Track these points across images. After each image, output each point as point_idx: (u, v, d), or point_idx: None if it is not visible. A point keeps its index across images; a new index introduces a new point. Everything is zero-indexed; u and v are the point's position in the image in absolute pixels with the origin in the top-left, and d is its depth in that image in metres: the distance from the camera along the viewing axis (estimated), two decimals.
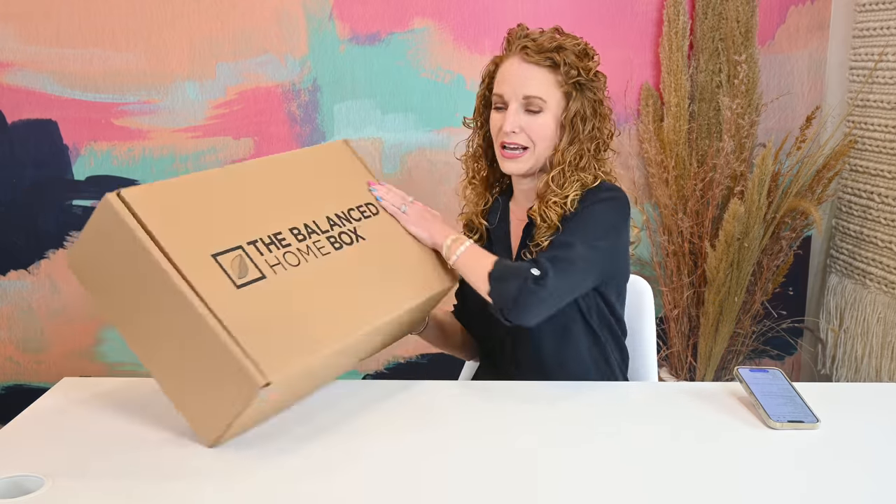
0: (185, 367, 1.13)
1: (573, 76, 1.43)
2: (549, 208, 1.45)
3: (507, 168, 1.49)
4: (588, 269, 1.40)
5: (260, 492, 1.06)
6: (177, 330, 1.11)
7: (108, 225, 1.12)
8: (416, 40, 2.41)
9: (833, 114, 2.49)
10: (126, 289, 1.15)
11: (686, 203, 2.40)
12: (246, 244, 1.17)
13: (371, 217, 1.40)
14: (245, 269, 1.15)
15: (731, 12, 2.34)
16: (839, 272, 2.52)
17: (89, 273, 1.20)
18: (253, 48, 2.41)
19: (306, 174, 1.37)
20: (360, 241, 1.33)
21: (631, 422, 1.28)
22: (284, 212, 1.26)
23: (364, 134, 2.47)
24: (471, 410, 1.32)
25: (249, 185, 1.27)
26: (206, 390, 1.12)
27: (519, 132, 1.45)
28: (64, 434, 1.21)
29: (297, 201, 1.30)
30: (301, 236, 1.25)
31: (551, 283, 1.33)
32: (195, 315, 1.08)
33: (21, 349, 2.57)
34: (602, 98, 1.49)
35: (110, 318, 1.20)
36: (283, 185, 1.32)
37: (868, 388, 1.57)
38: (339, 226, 1.32)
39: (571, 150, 1.45)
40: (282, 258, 1.20)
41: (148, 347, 1.16)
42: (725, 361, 2.49)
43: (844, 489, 1.08)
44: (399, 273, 1.37)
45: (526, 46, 1.44)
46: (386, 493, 1.06)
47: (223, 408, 1.11)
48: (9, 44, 2.39)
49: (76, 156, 2.45)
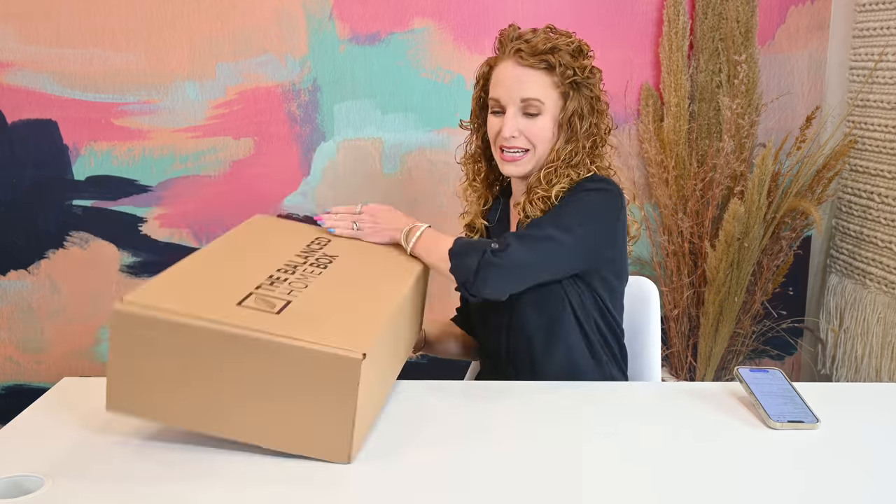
0: (279, 405, 1.11)
1: (569, 76, 1.43)
2: (533, 204, 1.45)
3: (507, 171, 1.49)
4: (558, 250, 1.39)
5: (260, 492, 1.06)
6: (254, 377, 1.10)
7: (133, 334, 1.09)
8: (416, 40, 2.41)
9: (833, 114, 2.49)
10: (182, 382, 1.11)
11: (686, 203, 2.40)
12: (255, 289, 1.20)
13: (328, 243, 1.45)
14: (270, 303, 1.17)
15: (731, 12, 2.34)
16: (839, 272, 2.52)
17: (138, 398, 1.13)
18: (253, 48, 2.41)
19: (255, 241, 1.43)
20: (336, 259, 1.38)
21: (631, 422, 1.28)
22: (262, 264, 1.30)
23: (364, 134, 2.47)
24: (470, 410, 1.32)
25: (218, 261, 1.31)
26: (313, 408, 1.10)
27: (518, 136, 1.45)
28: (64, 434, 1.21)
29: (265, 257, 1.34)
30: (290, 271, 1.29)
31: (513, 254, 1.35)
32: (267, 346, 1.08)
33: (21, 349, 2.57)
34: (598, 94, 1.48)
35: (178, 422, 1.14)
36: (244, 252, 1.37)
37: (868, 388, 1.57)
38: (310, 256, 1.37)
39: (567, 149, 1.45)
40: (291, 287, 1.23)
41: (230, 422, 1.12)
42: (725, 361, 2.49)
43: (844, 489, 1.08)
44: (387, 264, 1.44)
45: (520, 49, 1.43)
46: (386, 492, 1.06)
47: (338, 410, 1.10)
48: (9, 44, 2.39)
49: (76, 156, 2.45)
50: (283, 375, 1.09)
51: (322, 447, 1.13)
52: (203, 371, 1.10)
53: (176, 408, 1.12)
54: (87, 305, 2.53)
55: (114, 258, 2.51)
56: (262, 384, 1.10)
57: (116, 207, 2.49)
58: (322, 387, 1.09)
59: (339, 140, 2.47)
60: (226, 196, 2.48)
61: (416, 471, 1.12)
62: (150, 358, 1.10)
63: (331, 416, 1.11)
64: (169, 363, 1.10)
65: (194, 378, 1.10)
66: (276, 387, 1.10)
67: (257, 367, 1.09)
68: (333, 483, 1.08)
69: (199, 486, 1.07)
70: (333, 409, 1.10)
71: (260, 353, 1.08)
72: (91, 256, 2.51)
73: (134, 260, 2.51)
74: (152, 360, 1.10)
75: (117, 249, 2.51)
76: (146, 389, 1.12)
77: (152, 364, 1.10)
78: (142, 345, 1.10)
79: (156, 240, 2.50)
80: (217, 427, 1.13)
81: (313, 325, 1.13)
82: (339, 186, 2.49)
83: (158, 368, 1.10)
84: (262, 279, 1.24)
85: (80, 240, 2.50)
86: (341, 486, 1.07)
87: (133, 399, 1.13)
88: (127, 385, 1.12)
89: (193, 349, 1.09)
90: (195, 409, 1.12)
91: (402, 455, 1.16)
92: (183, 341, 1.09)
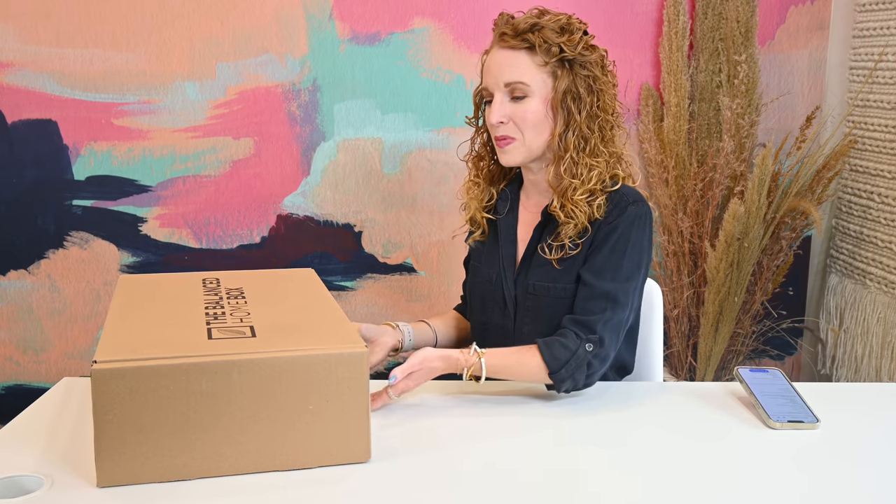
0: (291, 423, 1.08)
1: (555, 53, 1.37)
2: (574, 205, 1.39)
3: (503, 160, 1.44)
4: (631, 308, 1.41)
5: (259, 492, 1.06)
6: (260, 402, 1.06)
7: (117, 393, 1.02)
8: (416, 40, 2.41)
9: (833, 114, 2.49)
10: (184, 431, 1.05)
11: (686, 203, 2.40)
12: (207, 325, 1.16)
13: (219, 279, 1.42)
14: (236, 331, 1.14)
15: (731, 12, 2.34)
16: (839, 272, 2.52)
17: (134, 464, 1.05)
18: (253, 48, 2.41)
19: (149, 296, 1.34)
20: (244, 289, 1.36)
21: (631, 421, 1.28)
22: (185, 308, 1.24)
23: (364, 134, 2.47)
24: (469, 410, 1.32)
25: (137, 318, 1.21)
26: (327, 414, 1.09)
27: (507, 122, 1.40)
28: (64, 434, 1.21)
29: (178, 304, 1.27)
30: (218, 306, 1.25)
31: (609, 348, 1.37)
32: (272, 364, 1.06)
33: (21, 349, 2.57)
34: (598, 73, 1.41)
35: (187, 473, 1.07)
36: (152, 305, 1.28)
37: (868, 388, 1.57)
38: (219, 291, 1.34)
39: (571, 135, 1.39)
40: (237, 316, 1.20)
41: (245, 457, 1.08)
42: (725, 361, 2.48)
43: (844, 489, 1.08)
44: (285, 280, 1.45)
45: (504, 33, 1.39)
46: (387, 491, 1.06)
47: (353, 409, 1.10)
48: (9, 44, 2.39)
49: (76, 156, 2.45)
50: (292, 391, 1.08)
51: (342, 452, 1.12)
52: (204, 411, 1.05)
53: (180, 461, 1.06)
54: (87, 305, 2.53)
55: (114, 258, 2.51)
56: (271, 407, 1.07)
57: (116, 207, 2.49)
58: (333, 390, 1.09)
59: (339, 140, 2.46)
60: (226, 196, 2.48)
61: (416, 470, 1.12)
62: (142, 414, 1.03)
63: (345, 417, 1.10)
64: (165, 414, 1.03)
65: (195, 422, 1.05)
66: (285, 405, 1.08)
67: (263, 391, 1.07)
68: (334, 483, 1.08)
69: (200, 485, 1.06)
70: (348, 408, 1.10)
71: (264, 374, 1.06)
72: (91, 256, 2.51)
73: (134, 260, 2.51)
74: (144, 416, 1.03)
75: (117, 249, 2.51)
76: (142, 451, 1.04)
77: (145, 421, 1.03)
78: (129, 402, 1.02)
79: (156, 240, 2.50)
80: (231, 466, 1.08)
81: (298, 337, 1.12)
82: (339, 186, 2.49)
83: (154, 424, 1.03)
84: (203, 318, 1.19)
85: (80, 240, 2.50)
86: (341, 487, 1.07)
87: (128, 466, 1.04)
88: (118, 452, 1.03)
89: (191, 390, 1.04)
90: (202, 455, 1.06)
91: (402, 454, 1.16)
92: (177, 385, 1.03)
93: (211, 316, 1.21)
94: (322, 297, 1.33)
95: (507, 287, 1.50)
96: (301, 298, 1.33)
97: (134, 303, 1.28)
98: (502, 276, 1.50)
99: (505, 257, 1.51)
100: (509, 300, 1.49)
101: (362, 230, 2.52)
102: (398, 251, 2.53)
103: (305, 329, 1.16)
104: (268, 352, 1.07)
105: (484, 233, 1.56)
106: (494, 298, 1.52)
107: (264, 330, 1.15)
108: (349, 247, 2.53)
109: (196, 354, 1.05)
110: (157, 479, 1.06)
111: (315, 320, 1.21)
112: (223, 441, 1.07)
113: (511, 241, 1.52)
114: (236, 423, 1.06)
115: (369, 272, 2.54)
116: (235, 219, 2.50)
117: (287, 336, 1.13)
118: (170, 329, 1.15)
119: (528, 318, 1.47)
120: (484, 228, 1.56)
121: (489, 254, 1.55)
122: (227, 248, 2.52)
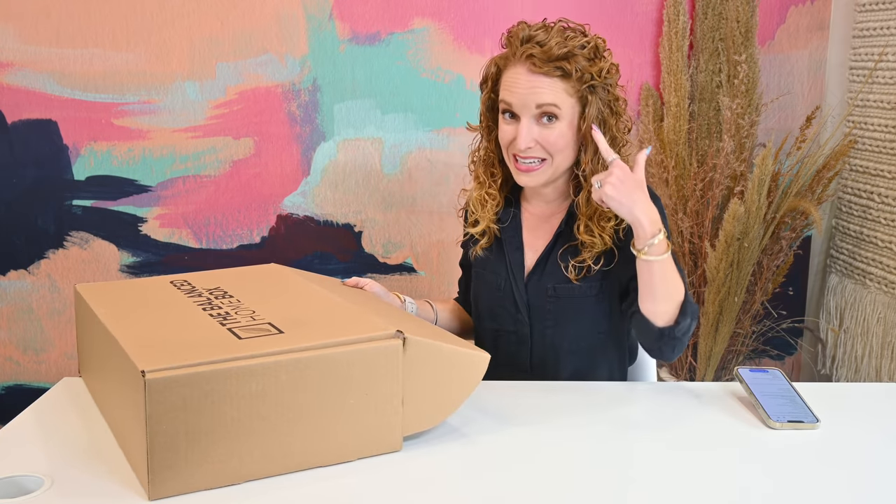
0: (332, 418, 1.08)
1: (587, 80, 1.37)
2: (602, 230, 1.41)
3: (523, 181, 1.43)
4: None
5: (260, 492, 1.06)
6: (304, 399, 1.06)
7: (170, 402, 0.99)
8: (416, 40, 2.41)
9: (833, 114, 2.49)
10: (233, 435, 1.03)
11: (686, 203, 2.40)
12: (225, 327, 1.14)
13: (189, 282, 1.40)
14: (259, 329, 1.13)
15: (731, 12, 2.34)
16: (839, 272, 2.52)
17: (187, 472, 1.02)
18: (253, 48, 2.41)
19: (136, 303, 1.31)
20: (221, 287, 1.35)
21: (630, 421, 1.28)
22: (185, 311, 1.23)
23: (364, 134, 2.47)
24: (468, 410, 1.32)
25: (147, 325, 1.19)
26: (364, 406, 1.10)
27: (535, 146, 1.39)
28: (64, 434, 1.21)
29: (173, 308, 1.26)
30: (216, 307, 1.24)
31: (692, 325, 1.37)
32: (318, 360, 1.06)
33: (21, 349, 2.57)
34: (617, 94, 1.42)
35: (236, 477, 1.05)
36: (146, 312, 1.26)
37: (868, 388, 1.57)
38: (202, 292, 1.33)
39: (598, 160, 1.39)
40: (248, 314, 1.20)
41: (291, 455, 1.08)
42: (725, 361, 2.48)
43: (844, 489, 1.08)
44: (269, 274, 1.47)
45: (532, 55, 1.36)
46: (384, 491, 1.06)
47: (388, 398, 1.11)
48: (9, 44, 2.39)
49: (76, 156, 2.45)
50: (336, 385, 1.08)
51: (378, 443, 1.13)
52: (253, 413, 1.03)
53: (229, 466, 1.04)
54: None
55: (114, 258, 2.51)
56: (316, 403, 1.07)
57: (116, 207, 2.49)
58: (372, 382, 1.10)
59: (339, 140, 2.47)
60: (226, 196, 2.48)
61: (411, 469, 1.12)
62: (194, 421, 1.00)
63: (381, 408, 1.11)
64: (215, 419, 1.01)
65: (245, 425, 1.03)
66: (329, 400, 1.08)
67: (309, 388, 1.06)
68: (342, 476, 1.08)
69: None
70: (384, 399, 1.11)
71: (311, 371, 1.06)
72: (91, 256, 2.51)
73: (134, 260, 2.51)
74: (196, 423, 1.00)
75: (117, 249, 2.51)
76: (194, 459, 1.02)
77: (197, 428, 1.01)
78: (182, 410, 0.99)
79: (156, 240, 2.50)
80: (278, 466, 1.07)
81: (326, 331, 1.13)
82: (339, 186, 2.49)
83: (205, 430, 1.01)
84: (209, 319, 1.18)
85: (80, 240, 2.50)
86: (341, 485, 1.07)
87: (181, 476, 1.01)
88: (171, 463, 1.00)
89: (241, 393, 1.02)
90: (251, 457, 1.05)
91: (402, 454, 1.16)
92: (226, 388, 1.01)
93: (220, 317, 1.19)
94: (308, 287, 1.35)
95: (519, 293, 1.49)
96: (290, 292, 1.34)
97: (120, 311, 1.23)
98: (511, 283, 1.50)
99: (513, 264, 1.51)
100: (522, 305, 1.49)
101: (362, 230, 2.52)
102: (398, 251, 2.53)
103: (329, 320, 1.17)
104: (311, 349, 1.06)
105: (489, 240, 1.54)
106: (504, 305, 1.51)
107: (288, 325, 1.15)
108: (349, 247, 2.53)
109: (241, 356, 1.03)
110: (208, 487, 1.03)
111: (325, 312, 1.22)
112: (271, 441, 1.06)
113: (517, 247, 1.51)
114: (284, 422, 1.06)
115: (369, 272, 2.54)
116: (235, 219, 2.50)
117: (313, 330, 1.13)
118: (186, 333, 1.13)
119: (549, 321, 1.47)
120: (491, 237, 1.54)
121: (495, 261, 1.54)
122: (227, 248, 2.52)
